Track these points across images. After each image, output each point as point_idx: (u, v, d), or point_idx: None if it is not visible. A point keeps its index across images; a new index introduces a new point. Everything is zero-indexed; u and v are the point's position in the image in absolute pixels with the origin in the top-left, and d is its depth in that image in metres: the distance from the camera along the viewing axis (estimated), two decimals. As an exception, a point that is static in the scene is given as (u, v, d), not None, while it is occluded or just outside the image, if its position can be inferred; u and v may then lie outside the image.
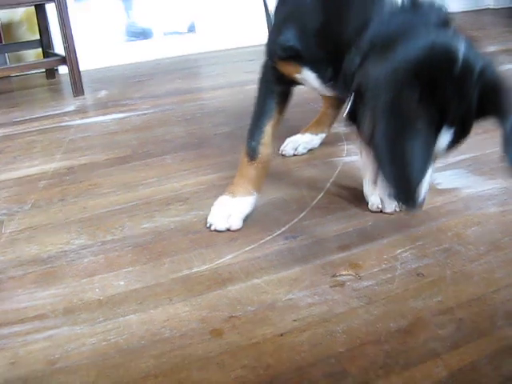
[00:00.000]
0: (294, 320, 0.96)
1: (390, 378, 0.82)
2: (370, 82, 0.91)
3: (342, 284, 1.06)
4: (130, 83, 3.11)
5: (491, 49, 3.23)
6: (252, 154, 1.28)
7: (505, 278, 1.04)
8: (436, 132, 0.90)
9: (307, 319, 0.96)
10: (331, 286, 1.05)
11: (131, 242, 1.28)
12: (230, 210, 1.27)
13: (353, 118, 0.99)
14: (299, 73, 1.20)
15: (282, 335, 0.92)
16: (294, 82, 1.28)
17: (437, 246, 1.15)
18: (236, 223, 1.26)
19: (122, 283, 1.11)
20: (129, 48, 3.75)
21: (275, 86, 1.30)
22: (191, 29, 3.84)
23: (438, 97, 0.87)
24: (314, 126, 1.76)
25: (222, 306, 1.01)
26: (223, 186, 1.48)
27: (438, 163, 1.55)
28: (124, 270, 1.16)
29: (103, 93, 2.93)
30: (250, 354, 0.88)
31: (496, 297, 0.99)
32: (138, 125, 2.26)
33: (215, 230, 1.27)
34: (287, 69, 1.23)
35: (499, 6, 5.23)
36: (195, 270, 1.14)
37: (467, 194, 1.38)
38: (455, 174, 1.51)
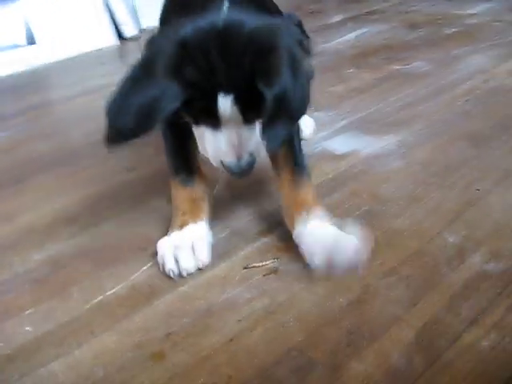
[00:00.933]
0: (239, 320, 0.87)
1: (360, 354, 0.76)
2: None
3: (275, 270, 0.98)
4: (-28, 107, 2.78)
5: (337, 18, 3.34)
6: (185, 181, 1.09)
7: (433, 226, 1.03)
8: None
9: (252, 316, 0.87)
10: (265, 275, 0.97)
11: (26, 278, 1.09)
12: (187, 241, 1.01)
13: None
14: None
15: (231, 340, 0.83)
16: None
17: (357, 209, 1.12)
18: (204, 254, 1.01)
19: (29, 328, 0.94)
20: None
21: None
22: (30, 40, 3.54)
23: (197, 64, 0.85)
24: None
25: (154, 325, 0.89)
26: (114, 197, 1.35)
27: (327, 131, 1.54)
28: (27, 313, 0.98)
29: None
30: (203, 371, 0.78)
31: (431, 247, 0.97)
32: (-5, 150, 2.01)
33: (179, 275, 0.99)
34: None
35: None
36: (110, 292, 1.00)
37: (366, 154, 1.37)
38: (347, 137, 1.49)
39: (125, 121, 0.90)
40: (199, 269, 1.00)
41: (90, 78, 2.91)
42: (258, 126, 0.96)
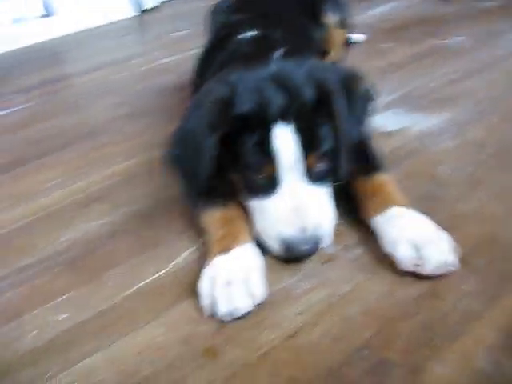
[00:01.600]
0: (299, 313, 0.79)
1: (440, 355, 0.68)
2: None
3: (333, 258, 0.89)
4: (-10, 78, 2.69)
5: None
6: (216, 204, 0.97)
7: (499, 211, 0.94)
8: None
9: (313, 309, 0.79)
10: (323, 263, 0.89)
11: (55, 261, 1.02)
12: (239, 273, 0.83)
13: None
14: None
15: (291, 336, 0.75)
16: None
17: (415, 193, 1.01)
18: (260, 289, 0.82)
19: (63, 317, 0.86)
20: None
21: None
22: (48, 11, 3.43)
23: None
24: None
25: (204, 317, 0.81)
26: (145, 174, 1.26)
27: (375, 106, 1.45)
28: (59, 300, 0.91)
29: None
30: (263, 371, 0.71)
31: (502, 233, 0.88)
32: (19, 122, 1.91)
33: (229, 319, 0.80)
34: None
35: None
36: (150, 279, 0.92)
37: (417, 131, 1.28)
38: (395, 113, 1.40)
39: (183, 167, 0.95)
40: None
41: (109, 51, 2.82)
42: (323, 190, 0.91)
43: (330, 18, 1.53)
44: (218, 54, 1.21)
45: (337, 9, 1.56)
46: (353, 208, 0.97)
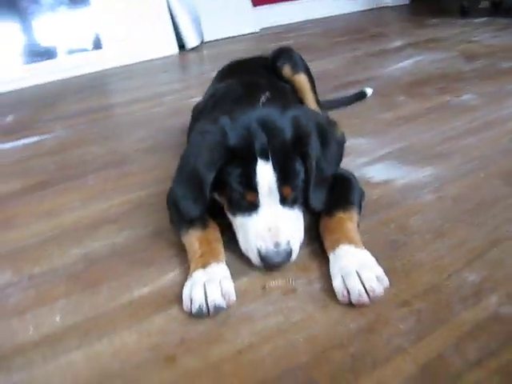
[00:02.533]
0: (251, 334, 0.91)
1: (360, 380, 0.78)
2: None
3: (294, 290, 1.01)
4: (38, 106, 2.92)
5: (398, 43, 3.35)
6: (198, 226, 1.13)
7: (453, 263, 1.04)
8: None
9: (264, 332, 0.91)
10: (283, 294, 1.01)
11: (62, 272, 1.18)
12: (215, 277, 1.00)
13: None
14: None
15: (240, 352, 0.87)
16: None
17: (382, 239, 1.14)
18: (232, 292, 0.99)
19: (58, 318, 1.01)
20: (32, 69, 3.56)
21: None
22: (97, 45, 3.71)
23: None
24: None
25: (172, 329, 0.94)
26: (153, 204, 1.42)
27: (367, 158, 1.57)
28: (58, 304, 1.06)
29: (10, 118, 2.73)
30: (209, 377, 0.83)
31: (449, 283, 0.98)
32: (53, 148, 2.12)
33: (207, 313, 0.95)
34: None
35: (396, 4, 5.46)
36: (136, 293, 1.06)
37: (401, 184, 1.39)
38: (386, 166, 1.51)
39: (186, 195, 1.10)
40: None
41: (151, 85, 3.03)
42: (294, 213, 1.09)
43: (287, 69, 1.70)
44: (210, 101, 1.39)
45: (288, 59, 1.72)
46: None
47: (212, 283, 0.98)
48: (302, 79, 1.72)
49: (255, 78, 1.47)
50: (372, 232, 1.17)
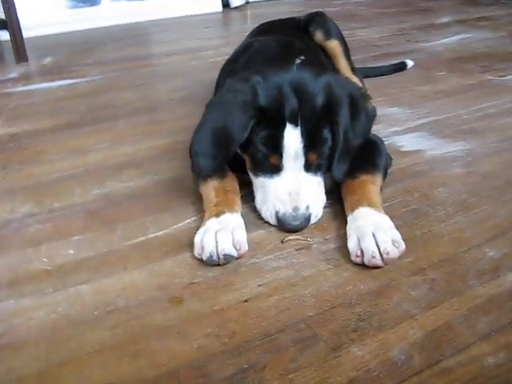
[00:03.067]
0: (259, 285, 0.90)
1: (363, 340, 0.77)
2: None
3: (308, 247, 1.00)
4: (77, 50, 2.94)
5: (446, 19, 3.23)
6: (216, 176, 1.11)
7: (474, 237, 1.01)
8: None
9: (273, 283, 0.90)
10: (297, 249, 1.00)
11: (81, 208, 1.19)
12: (227, 226, 0.98)
13: None
14: None
15: (246, 301, 0.86)
16: None
17: (404, 207, 1.11)
18: (244, 241, 0.98)
19: (72, 252, 1.02)
20: (76, 15, 3.56)
21: None
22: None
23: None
24: None
25: (182, 273, 0.94)
26: (180, 151, 1.41)
27: (400, 127, 1.53)
28: (74, 239, 1.07)
29: (48, 60, 2.76)
30: (213, 322, 0.82)
31: (467, 256, 0.95)
32: (87, 91, 2.14)
33: (217, 261, 0.95)
34: None
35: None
36: (151, 235, 1.07)
37: (431, 155, 1.35)
38: (418, 136, 1.47)
39: (206, 151, 1.06)
40: (237, 258, 0.97)
41: (190, 39, 3.01)
42: (317, 179, 1.07)
43: (319, 35, 1.63)
44: (242, 56, 1.35)
45: (321, 25, 1.65)
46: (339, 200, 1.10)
47: (224, 232, 0.97)
48: (334, 45, 1.66)
49: (291, 38, 1.42)
50: (395, 199, 1.14)
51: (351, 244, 0.95)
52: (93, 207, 1.19)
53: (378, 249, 0.91)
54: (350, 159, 1.07)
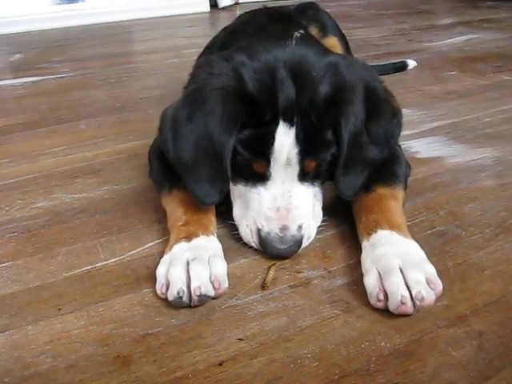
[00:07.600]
0: (240, 339, 0.65)
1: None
2: None
3: (306, 283, 0.75)
4: (50, 47, 2.71)
5: (448, 20, 3.05)
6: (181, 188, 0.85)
7: (526, 270, 0.76)
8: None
9: (259, 337, 0.65)
10: (291, 286, 0.74)
11: (18, 226, 0.94)
12: (201, 257, 0.72)
13: None
14: None
15: (221, 364, 0.61)
16: None
17: (429, 228, 0.87)
18: (223, 274, 0.72)
19: (-3, 283, 0.77)
20: (59, 12, 3.35)
21: None
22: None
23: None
24: None
25: (135, 319, 0.69)
26: (145, 156, 1.15)
27: (412, 130, 1.29)
28: (1, 266, 0.81)
29: (17, 56, 2.53)
30: (171, 397, 0.57)
31: (519, 299, 0.71)
32: (52, 89, 1.90)
33: (189, 303, 0.69)
34: None
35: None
36: (99, 264, 0.82)
37: (453, 164, 1.12)
38: (434, 141, 1.24)
39: (185, 155, 0.79)
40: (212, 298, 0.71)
41: (173, 37, 2.81)
42: (314, 190, 0.82)
43: (314, 31, 1.32)
44: (223, 32, 1.12)
45: (315, 19, 1.37)
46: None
47: (198, 262, 0.71)
48: (333, 42, 1.38)
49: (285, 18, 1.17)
50: (415, 218, 0.90)
51: (370, 282, 0.69)
52: (32, 225, 0.93)
53: (409, 292, 0.65)
54: (366, 173, 0.80)
